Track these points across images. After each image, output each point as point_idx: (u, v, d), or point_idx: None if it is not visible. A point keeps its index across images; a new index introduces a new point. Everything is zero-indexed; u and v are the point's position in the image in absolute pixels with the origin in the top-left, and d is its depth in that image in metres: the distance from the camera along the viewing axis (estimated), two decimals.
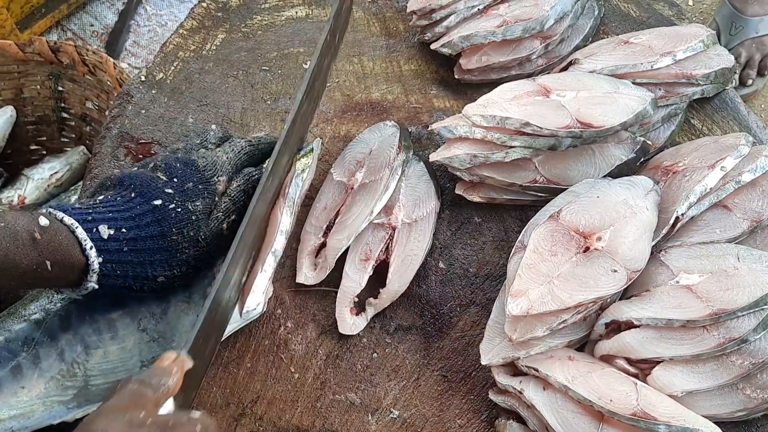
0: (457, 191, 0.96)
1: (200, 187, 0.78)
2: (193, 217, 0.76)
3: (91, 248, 0.69)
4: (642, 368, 0.81)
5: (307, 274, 0.91)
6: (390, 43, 1.12)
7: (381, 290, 0.89)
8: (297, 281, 0.90)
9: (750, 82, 1.90)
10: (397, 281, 0.89)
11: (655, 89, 0.98)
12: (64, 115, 1.64)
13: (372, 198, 0.91)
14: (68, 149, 1.65)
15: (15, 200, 1.56)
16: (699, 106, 1.04)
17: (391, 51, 1.12)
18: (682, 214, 0.87)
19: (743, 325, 0.78)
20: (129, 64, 2.00)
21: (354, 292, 0.89)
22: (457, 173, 0.94)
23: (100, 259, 0.70)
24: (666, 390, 0.79)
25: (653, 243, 0.86)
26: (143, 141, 1.01)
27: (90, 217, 0.71)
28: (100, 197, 0.76)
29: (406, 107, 1.06)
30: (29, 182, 1.58)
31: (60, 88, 1.60)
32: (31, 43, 1.53)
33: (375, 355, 0.88)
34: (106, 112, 1.48)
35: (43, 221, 0.67)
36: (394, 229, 0.92)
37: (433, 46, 1.07)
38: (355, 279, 0.89)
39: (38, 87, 1.60)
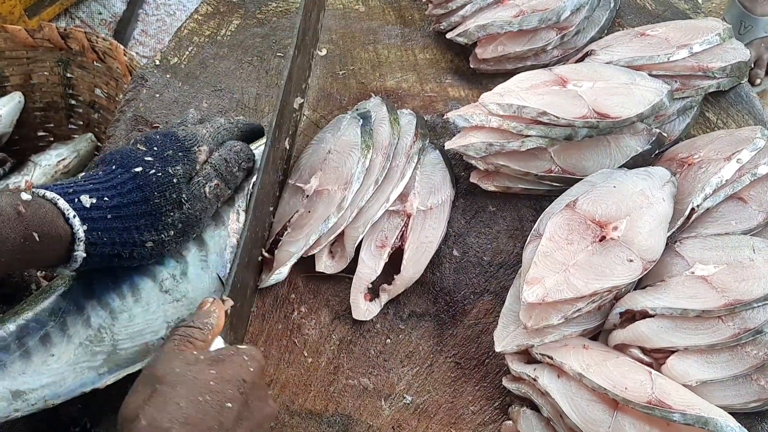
0: (472, 180, 0.96)
1: (180, 154, 0.79)
2: (174, 180, 0.77)
3: (74, 217, 0.70)
4: (656, 357, 0.81)
5: (327, 263, 0.90)
6: (405, 32, 1.12)
7: (395, 276, 0.89)
8: (317, 269, 0.90)
9: (758, 81, 1.90)
10: (412, 268, 0.89)
11: (671, 81, 0.98)
12: (73, 101, 1.64)
13: (387, 185, 0.91)
14: (76, 136, 1.65)
15: (22, 186, 1.55)
16: (714, 99, 1.04)
17: (407, 40, 1.11)
18: (698, 206, 0.87)
19: (758, 316, 0.78)
20: (137, 53, 1.99)
21: (370, 278, 0.89)
22: (473, 162, 0.94)
23: (85, 227, 0.71)
24: (680, 379, 0.79)
25: (669, 234, 0.86)
26: (157, 125, 1.01)
27: (71, 190, 0.72)
28: (82, 174, 0.78)
29: (420, 96, 1.06)
30: (36, 168, 1.58)
31: (69, 75, 1.60)
32: (40, 29, 1.53)
33: (388, 341, 0.88)
34: (120, 96, 1.48)
35: (25, 196, 0.68)
36: (409, 216, 0.92)
37: (448, 36, 1.07)
38: (370, 266, 0.89)
39: (47, 73, 1.60)
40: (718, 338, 0.79)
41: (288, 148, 0.89)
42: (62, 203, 0.70)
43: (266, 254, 0.90)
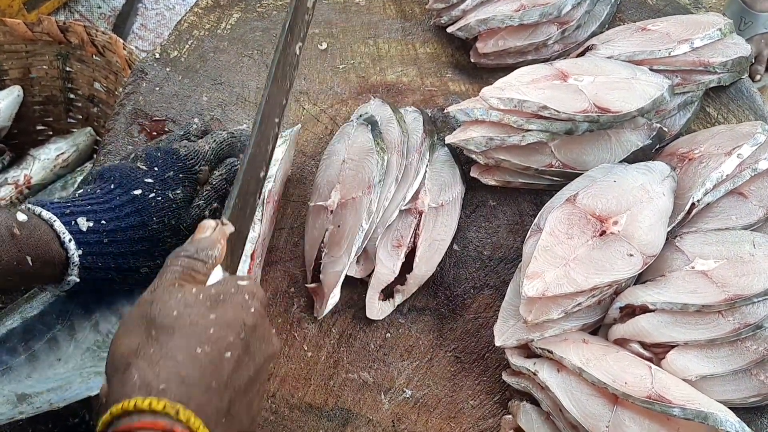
0: (473, 174, 0.95)
1: (181, 175, 0.77)
2: (174, 206, 0.75)
3: (70, 241, 0.69)
4: (656, 352, 0.81)
5: (354, 268, 0.89)
6: (406, 26, 1.12)
7: (407, 276, 0.89)
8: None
9: (758, 77, 1.90)
10: (424, 266, 0.89)
11: (672, 76, 0.98)
12: (72, 95, 1.64)
13: (404, 183, 0.91)
14: (75, 130, 1.64)
15: (21, 180, 1.55)
16: (715, 94, 1.03)
17: (407, 34, 1.11)
18: (698, 201, 0.87)
19: (758, 311, 0.79)
20: (136, 47, 1.99)
21: (388, 279, 0.88)
22: (473, 156, 0.94)
23: (80, 252, 0.69)
24: (680, 374, 0.79)
25: (669, 229, 0.86)
26: (157, 118, 1.01)
27: (68, 211, 0.70)
28: (80, 191, 0.75)
29: (421, 90, 1.05)
30: (35, 162, 1.57)
31: (68, 69, 1.60)
32: (39, 22, 1.53)
33: (388, 335, 0.88)
34: (120, 89, 1.48)
35: (21, 217, 0.67)
36: (420, 213, 0.91)
37: (449, 30, 1.07)
38: (388, 266, 0.89)
39: (46, 67, 1.59)
40: (718, 333, 0.79)
41: (298, 53, 0.83)
42: (59, 225, 0.69)
43: (311, 285, 0.89)
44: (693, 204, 0.87)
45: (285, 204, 0.96)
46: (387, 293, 0.89)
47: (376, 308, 0.88)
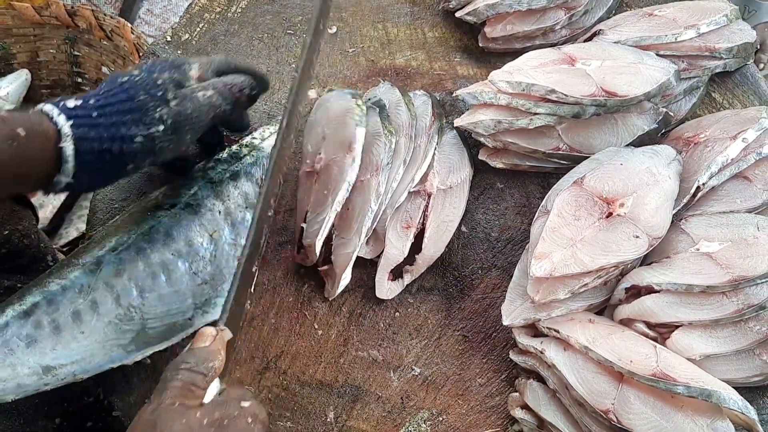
0: (481, 157, 0.96)
1: (167, 66, 0.79)
2: (159, 81, 0.76)
3: (59, 114, 0.70)
4: (661, 332, 0.83)
5: (365, 249, 0.91)
6: (414, 11, 1.13)
7: (416, 256, 0.90)
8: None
9: (762, 66, 1.90)
10: (433, 246, 0.91)
11: (678, 61, 0.99)
12: (79, 79, 1.64)
13: (412, 166, 0.93)
14: None
15: None
16: (720, 80, 1.04)
17: (416, 18, 1.12)
18: (703, 184, 0.88)
19: (762, 292, 0.80)
20: (143, 32, 1.99)
21: (397, 259, 0.90)
22: (481, 139, 0.95)
23: (70, 122, 0.70)
24: (684, 353, 0.80)
25: (674, 211, 0.88)
26: None
27: (55, 100, 0.72)
28: None
29: (429, 74, 1.06)
30: None
31: (76, 53, 1.60)
32: (47, 6, 1.53)
33: (397, 314, 0.90)
34: None
35: (8, 106, 0.68)
36: (429, 195, 0.93)
37: (458, 14, 1.08)
38: (398, 247, 0.90)
39: (54, 51, 1.60)
40: (722, 313, 0.80)
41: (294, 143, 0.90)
42: (47, 107, 0.70)
43: (323, 267, 0.90)
44: (698, 187, 0.88)
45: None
46: (396, 273, 0.91)
47: (386, 288, 0.90)
